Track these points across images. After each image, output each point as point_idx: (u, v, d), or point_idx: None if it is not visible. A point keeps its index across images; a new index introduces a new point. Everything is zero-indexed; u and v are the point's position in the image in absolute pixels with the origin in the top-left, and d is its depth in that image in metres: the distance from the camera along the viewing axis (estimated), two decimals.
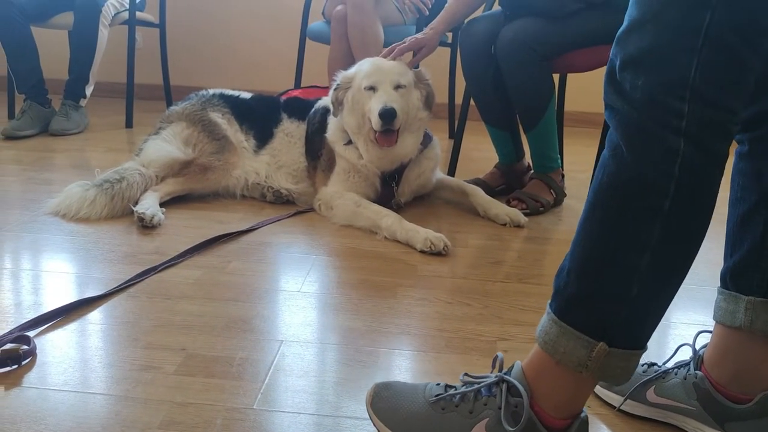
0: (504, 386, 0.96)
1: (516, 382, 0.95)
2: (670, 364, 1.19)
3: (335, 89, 2.21)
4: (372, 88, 2.12)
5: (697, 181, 0.86)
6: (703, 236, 0.89)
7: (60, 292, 1.58)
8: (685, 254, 0.89)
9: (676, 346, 1.22)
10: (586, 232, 0.91)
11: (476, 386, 0.99)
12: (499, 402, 0.95)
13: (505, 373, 0.97)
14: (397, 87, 2.12)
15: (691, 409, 1.11)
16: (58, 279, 1.67)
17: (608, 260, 0.89)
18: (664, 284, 0.90)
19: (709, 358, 1.12)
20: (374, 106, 2.07)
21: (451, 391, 1.01)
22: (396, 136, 2.11)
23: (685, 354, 1.18)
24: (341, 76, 2.24)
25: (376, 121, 2.06)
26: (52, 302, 1.49)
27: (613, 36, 0.89)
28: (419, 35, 2.33)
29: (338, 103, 2.20)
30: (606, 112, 0.91)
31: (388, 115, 2.04)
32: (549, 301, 0.95)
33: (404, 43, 2.29)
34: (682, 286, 0.92)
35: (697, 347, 1.15)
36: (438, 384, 1.04)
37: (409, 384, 1.08)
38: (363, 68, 2.17)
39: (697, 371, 1.12)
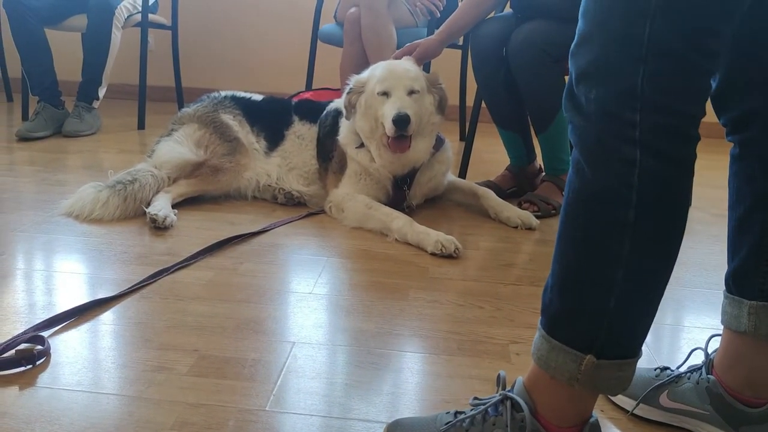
0: (508, 403, 0.96)
1: (518, 398, 0.95)
2: (683, 369, 1.18)
3: (348, 93, 2.21)
4: (385, 93, 2.11)
5: (660, 189, 0.85)
6: (679, 241, 0.89)
7: (73, 292, 1.59)
8: (660, 262, 0.89)
9: (686, 350, 1.21)
10: (561, 249, 0.92)
11: (483, 407, 0.99)
12: (506, 420, 0.95)
13: (508, 391, 0.98)
14: (411, 92, 2.12)
15: (705, 414, 1.10)
16: (72, 279, 1.68)
17: (583, 276, 0.89)
18: (642, 294, 0.89)
19: (719, 362, 1.11)
20: (388, 112, 2.07)
21: (461, 417, 1.01)
22: (409, 142, 2.10)
23: (698, 358, 1.17)
24: (354, 79, 2.24)
25: (389, 127, 2.06)
26: (66, 303, 1.50)
27: None
28: (418, 40, 2.37)
29: (351, 107, 2.20)
30: (568, 129, 0.91)
31: (401, 122, 2.03)
32: (540, 318, 0.95)
33: (401, 50, 2.34)
34: (695, 289, 0.91)
35: (710, 351, 1.15)
36: (447, 413, 1.04)
37: (418, 418, 1.08)
38: (376, 73, 2.17)
39: (709, 375, 1.12)
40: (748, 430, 1.06)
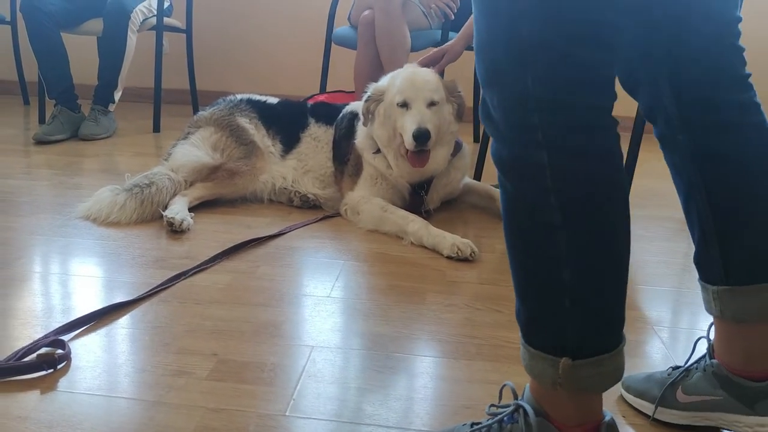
0: (522, 411, 0.96)
1: (526, 404, 0.95)
2: (692, 361, 1.17)
3: (367, 101, 2.19)
4: (405, 105, 2.09)
5: (579, 186, 0.85)
6: (622, 233, 0.87)
7: (92, 296, 1.60)
8: (603, 255, 0.87)
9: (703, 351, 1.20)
10: (510, 259, 0.93)
11: (499, 416, 0.99)
12: (522, 426, 0.94)
13: (520, 399, 0.97)
14: (431, 104, 2.10)
15: (719, 399, 1.09)
16: (90, 283, 1.69)
17: (534, 282, 0.90)
18: (595, 288, 0.88)
19: (717, 346, 1.11)
20: (408, 125, 2.05)
21: (477, 427, 1.01)
22: (428, 156, 2.09)
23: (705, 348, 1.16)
24: (373, 87, 2.22)
25: (409, 142, 2.04)
26: (85, 306, 1.51)
27: None
28: (445, 46, 2.37)
29: (369, 114, 2.19)
30: (490, 145, 0.91)
31: (422, 138, 2.02)
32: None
33: (429, 56, 2.34)
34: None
35: (712, 337, 1.14)
36: (464, 424, 1.04)
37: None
38: (396, 82, 2.14)
39: (712, 360, 1.11)
40: (763, 404, 1.04)
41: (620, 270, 0.89)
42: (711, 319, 1.11)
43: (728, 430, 1.09)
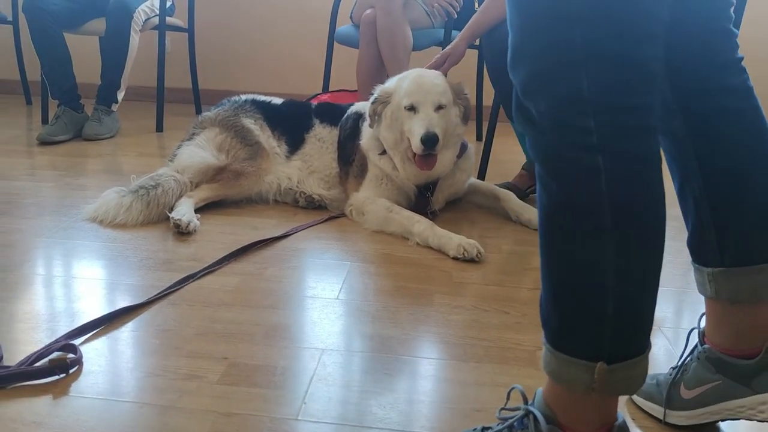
0: (531, 416, 0.96)
1: (536, 411, 0.95)
2: (685, 354, 1.18)
3: (374, 102, 2.19)
4: (413, 108, 2.09)
5: (632, 190, 0.84)
6: (663, 235, 0.88)
7: (100, 299, 1.61)
8: (649, 258, 0.88)
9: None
10: (546, 264, 0.90)
11: (509, 421, 0.99)
12: None
13: (530, 404, 0.98)
14: (438, 107, 2.10)
15: (719, 384, 1.10)
16: (98, 286, 1.69)
17: (575, 288, 0.88)
18: (638, 292, 0.88)
19: (709, 330, 1.12)
20: (416, 129, 2.05)
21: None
22: (435, 160, 2.09)
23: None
24: (380, 89, 2.22)
25: (417, 146, 2.04)
26: (94, 309, 1.51)
27: None
28: (448, 48, 2.35)
29: (375, 116, 2.19)
30: (528, 144, 0.90)
31: (430, 143, 2.02)
32: (543, 332, 0.94)
33: (433, 62, 2.32)
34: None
35: (702, 326, 1.15)
36: (474, 429, 1.04)
37: None
38: (403, 85, 2.14)
39: (704, 346, 1.12)
40: (760, 380, 1.05)
41: (659, 273, 0.90)
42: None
43: (734, 418, 1.10)
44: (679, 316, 1.65)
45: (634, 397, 1.23)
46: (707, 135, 1.05)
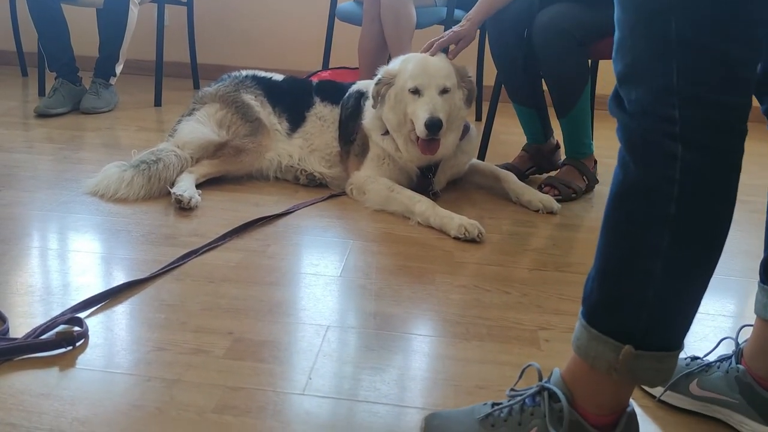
0: (546, 394, 0.98)
1: (555, 388, 0.97)
2: (712, 357, 1.20)
3: (377, 84, 2.18)
4: (417, 92, 2.09)
5: (703, 183, 0.86)
6: (722, 236, 0.90)
7: (104, 273, 1.61)
8: (701, 256, 0.90)
9: (713, 338, 1.23)
10: (603, 240, 0.93)
11: (520, 398, 1.01)
12: (544, 410, 0.97)
13: (545, 382, 1.00)
14: (443, 91, 2.09)
15: (734, 403, 1.12)
16: (102, 260, 1.70)
17: (623, 267, 0.91)
18: (682, 287, 0.90)
19: (749, 351, 1.13)
20: (420, 113, 2.04)
21: (498, 407, 1.03)
22: (438, 145, 2.09)
23: (728, 347, 1.19)
24: (384, 70, 2.21)
25: (421, 130, 2.03)
26: (98, 283, 1.52)
27: None
28: (456, 28, 2.30)
29: (379, 97, 2.18)
30: (617, 128, 0.92)
31: (434, 127, 2.01)
32: (581, 308, 0.97)
33: (443, 37, 2.26)
34: (718, 276, 0.92)
35: (740, 341, 1.16)
36: (485, 404, 1.06)
37: (455, 410, 1.10)
38: (408, 67, 2.12)
39: (738, 365, 1.13)
40: None
41: (709, 273, 0.91)
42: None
43: (732, 427, 1.12)
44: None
45: None
46: None
